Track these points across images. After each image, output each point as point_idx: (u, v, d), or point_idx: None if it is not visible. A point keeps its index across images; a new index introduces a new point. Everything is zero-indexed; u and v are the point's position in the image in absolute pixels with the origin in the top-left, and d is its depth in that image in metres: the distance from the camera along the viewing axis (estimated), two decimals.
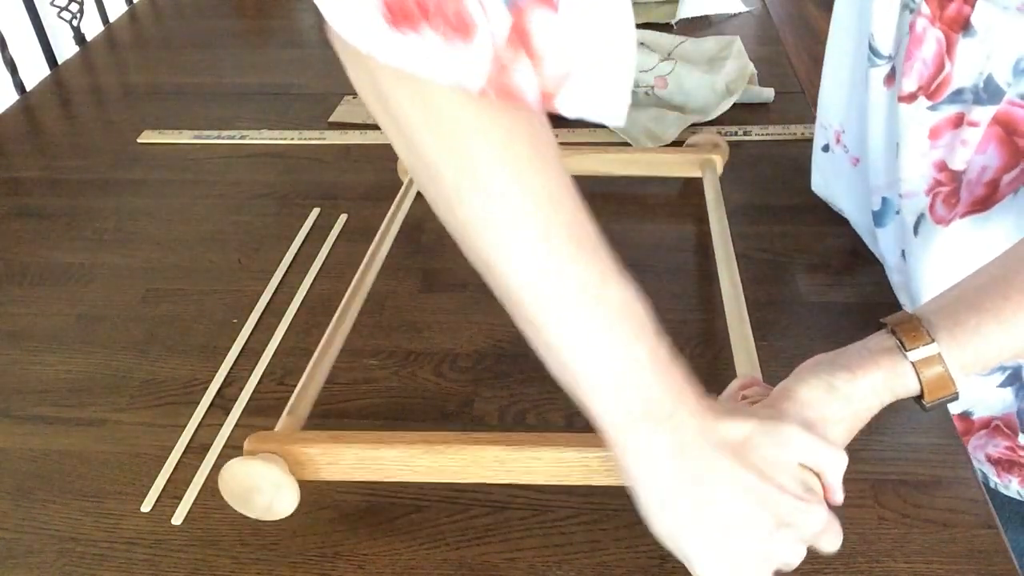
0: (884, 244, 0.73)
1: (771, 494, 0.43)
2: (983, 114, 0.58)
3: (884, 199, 0.71)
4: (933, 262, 0.65)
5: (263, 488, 0.53)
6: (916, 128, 0.62)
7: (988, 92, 0.57)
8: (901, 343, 0.47)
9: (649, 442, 0.43)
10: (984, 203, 0.62)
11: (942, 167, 0.62)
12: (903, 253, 0.70)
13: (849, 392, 0.47)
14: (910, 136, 0.62)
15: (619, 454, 0.44)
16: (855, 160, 0.74)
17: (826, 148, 0.79)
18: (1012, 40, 0.54)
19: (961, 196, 0.62)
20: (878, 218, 0.72)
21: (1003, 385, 0.68)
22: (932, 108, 0.60)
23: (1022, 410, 0.70)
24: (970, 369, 0.48)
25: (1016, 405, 0.70)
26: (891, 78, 0.64)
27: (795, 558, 0.45)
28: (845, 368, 0.47)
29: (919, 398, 0.48)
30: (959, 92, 0.59)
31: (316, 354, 0.62)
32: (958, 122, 0.60)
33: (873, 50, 0.63)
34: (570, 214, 0.42)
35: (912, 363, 0.47)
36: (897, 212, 0.69)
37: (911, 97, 0.61)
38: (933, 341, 0.46)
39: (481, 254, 0.43)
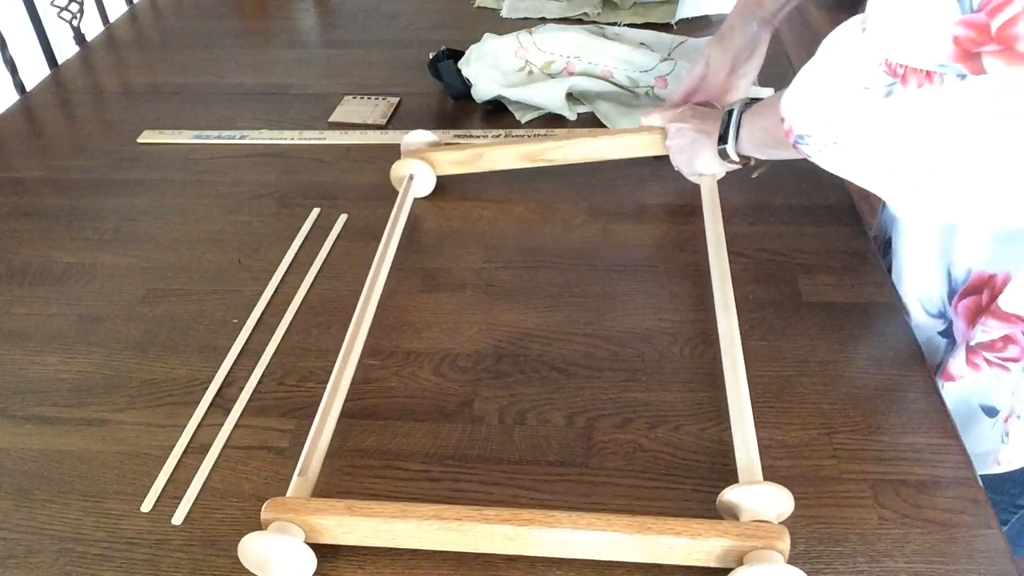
0: None
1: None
2: None
3: None
4: None
5: (282, 557, 0.53)
6: None
7: None
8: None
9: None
10: None
11: None
12: None
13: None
14: None
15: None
16: None
17: None
18: None
19: None
20: None
21: (942, 334, 0.73)
22: None
23: (944, 362, 0.72)
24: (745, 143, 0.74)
25: (942, 357, 0.72)
26: None
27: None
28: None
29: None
30: None
31: (322, 405, 0.61)
32: None
33: None
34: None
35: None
36: None
37: None
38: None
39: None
